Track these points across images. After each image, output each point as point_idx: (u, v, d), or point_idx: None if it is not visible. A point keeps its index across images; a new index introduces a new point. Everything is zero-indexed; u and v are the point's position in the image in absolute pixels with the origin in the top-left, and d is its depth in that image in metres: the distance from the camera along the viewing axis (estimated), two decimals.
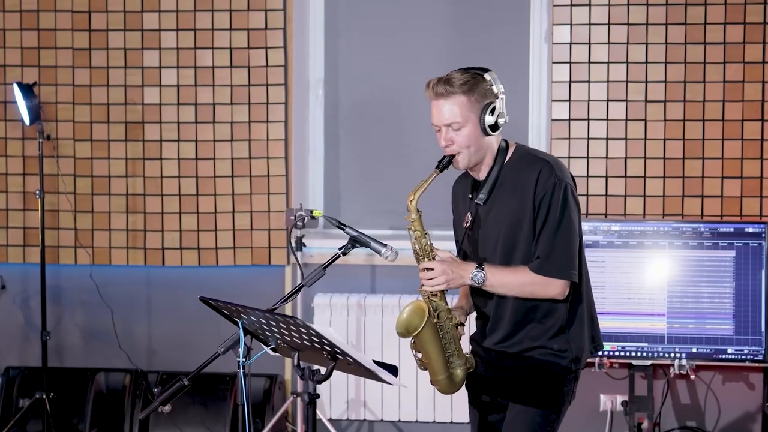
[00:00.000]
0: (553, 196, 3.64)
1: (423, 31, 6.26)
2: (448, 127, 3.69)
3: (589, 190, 5.85)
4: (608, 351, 5.57)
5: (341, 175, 6.37)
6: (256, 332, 3.55)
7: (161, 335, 6.27)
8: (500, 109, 3.70)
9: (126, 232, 6.18)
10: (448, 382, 3.76)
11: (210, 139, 6.12)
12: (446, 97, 3.67)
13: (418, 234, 3.71)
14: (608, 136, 5.86)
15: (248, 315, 3.45)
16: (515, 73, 6.09)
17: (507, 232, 3.71)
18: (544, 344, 3.72)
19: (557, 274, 3.65)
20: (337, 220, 3.76)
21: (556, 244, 3.64)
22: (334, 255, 3.71)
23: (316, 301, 6.05)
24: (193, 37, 6.10)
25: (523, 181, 3.68)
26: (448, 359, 3.73)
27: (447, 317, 3.72)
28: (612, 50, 5.84)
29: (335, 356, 3.35)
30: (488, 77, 3.69)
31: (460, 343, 3.76)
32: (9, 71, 6.20)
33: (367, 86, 6.31)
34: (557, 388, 3.75)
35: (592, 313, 3.84)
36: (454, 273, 3.66)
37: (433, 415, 5.99)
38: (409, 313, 3.68)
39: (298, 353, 3.48)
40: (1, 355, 6.34)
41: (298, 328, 3.30)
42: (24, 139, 6.22)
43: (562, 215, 3.65)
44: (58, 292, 6.30)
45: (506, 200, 3.72)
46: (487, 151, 3.74)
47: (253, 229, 6.10)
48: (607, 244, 5.58)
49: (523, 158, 3.76)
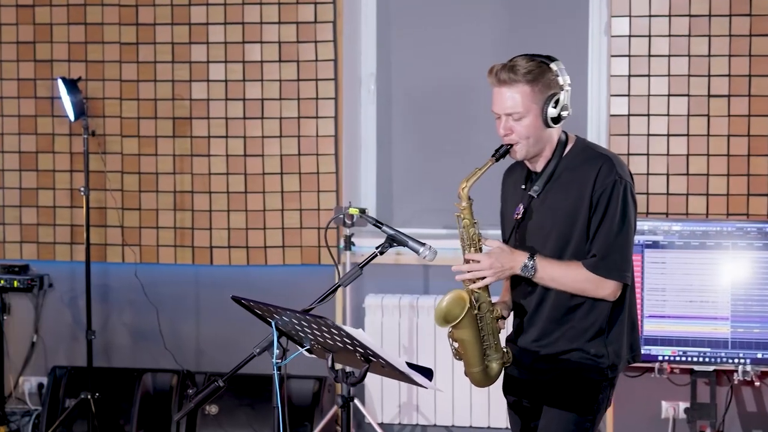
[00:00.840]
0: (613, 193, 3.59)
1: (478, 23, 6.22)
2: (508, 116, 3.64)
3: (650, 189, 5.78)
4: (669, 356, 5.51)
5: (394, 172, 6.35)
6: (290, 333, 3.54)
7: (209, 335, 6.29)
8: (564, 101, 3.65)
9: (174, 230, 6.22)
10: (482, 375, 3.73)
11: (258, 135, 6.13)
12: (509, 85, 3.61)
13: (467, 222, 3.68)
14: (669, 132, 5.78)
15: (280, 315, 3.44)
16: (573, 66, 5.89)
17: (560, 227, 3.66)
18: (581, 347, 3.68)
19: (612, 275, 3.60)
20: (374, 218, 3.74)
21: (614, 244, 3.60)
22: (371, 254, 3.70)
23: (367, 302, 6.04)
24: (241, 30, 6.12)
25: (582, 176, 3.64)
26: (485, 352, 3.70)
27: (488, 309, 3.69)
28: (673, 43, 5.75)
29: (368, 358, 3.33)
30: (555, 67, 3.65)
31: (498, 336, 3.73)
32: (56, 66, 6.27)
33: (421, 80, 6.29)
34: (593, 394, 3.70)
35: (633, 319, 3.78)
36: (504, 266, 3.62)
37: (488, 421, 5.95)
38: (449, 302, 3.65)
39: (333, 355, 3.46)
40: (48, 354, 6.42)
41: (329, 329, 3.29)
42: (71, 135, 6.28)
43: (623, 215, 3.61)
44: (105, 291, 6.36)
45: (562, 194, 3.68)
46: (546, 143, 3.69)
47: (302, 227, 6.11)
48: (668, 245, 5.51)
49: (583, 152, 3.71)
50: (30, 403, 6.42)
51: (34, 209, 6.34)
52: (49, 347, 6.45)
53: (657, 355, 5.51)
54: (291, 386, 5.95)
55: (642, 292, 5.49)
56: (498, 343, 3.72)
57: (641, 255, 5.47)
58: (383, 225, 3.69)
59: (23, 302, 6.44)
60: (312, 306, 3.65)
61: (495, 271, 3.62)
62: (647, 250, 5.50)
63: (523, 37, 6.13)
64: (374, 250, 3.69)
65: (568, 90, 3.66)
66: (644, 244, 5.49)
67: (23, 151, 6.34)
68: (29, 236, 6.36)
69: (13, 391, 6.44)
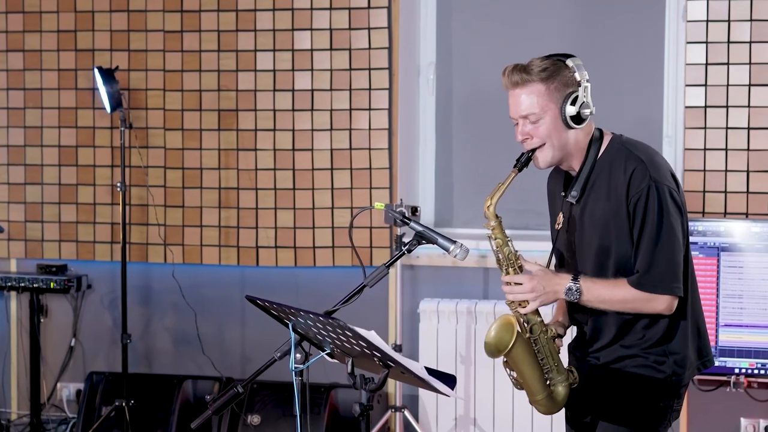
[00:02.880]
0: (648, 201, 3.53)
1: (547, 8, 6.15)
2: (525, 120, 3.63)
3: (728, 187, 5.68)
4: (746, 368, 5.39)
5: (455, 168, 6.30)
6: (309, 336, 3.52)
7: (254, 341, 6.29)
8: (583, 98, 3.60)
9: (218, 229, 6.24)
10: (548, 402, 3.65)
11: (308, 128, 6.12)
12: (522, 86, 3.61)
13: (500, 242, 3.64)
14: (750, 125, 5.66)
15: (296, 317, 3.42)
16: (650, 55, 5.94)
17: (601, 235, 3.62)
18: (639, 353, 3.62)
19: (659, 289, 3.54)
20: (402, 214, 3.70)
21: (656, 257, 3.53)
22: (398, 252, 3.68)
23: (422, 306, 6.00)
24: (290, 17, 6.12)
25: (617, 180, 3.59)
26: (547, 376, 3.64)
27: (541, 330, 3.63)
28: (755, 28, 5.64)
29: (387, 364, 3.29)
30: (571, 63, 3.61)
31: (559, 357, 3.66)
32: (97, 56, 6.33)
33: (484, 71, 6.23)
34: (652, 405, 3.62)
35: (698, 326, 3.71)
36: (546, 289, 3.58)
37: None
38: (498, 329, 3.60)
39: (352, 359, 3.42)
40: (86, 359, 6.47)
41: (344, 331, 3.26)
42: (112, 129, 6.33)
43: (660, 223, 3.54)
44: (146, 293, 6.40)
45: (600, 200, 3.63)
46: (572, 146, 3.65)
47: (353, 227, 6.07)
48: (747, 248, 5.40)
49: (618, 153, 3.65)
50: (68, 411, 6.48)
51: (74, 206, 6.40)
52: (87, 352, 6.50)
53: (733, 367, 5.41)
54: (338, 396, 5.93)
55: (717, 299, 5.40)
56: (559, 364, 3.65)
57: (717, 258, 5.37)
58: (411, 221, 3.66)
59: (61, 304, 6.50)
60: (336, 308, 3.62)
61: (537, 294, 3.58)
62: (723, 253, 5.39)
63: (594, 23, 6.04)
64: (402, 249, 3.66)
65: (586, 86, 3.61)
66: (720, 246, 5.39)
67: (63, 145, 6.41)
68: (68, 235, 6.42)
69: (51, 398, 6.50)
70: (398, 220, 3.71)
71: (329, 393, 5.91)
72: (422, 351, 5.94)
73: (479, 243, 5.93)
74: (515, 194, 4.16)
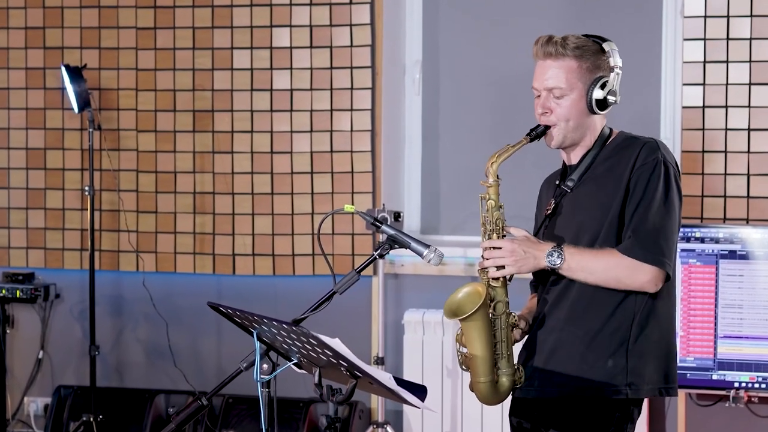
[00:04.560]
0: (654, 171, 3.56)
1: (537, 4, 6.14)
2: (549, 93, 3.66)
3: (727, 191, 5.66)
4: (747, 382, 5.38)
5: (442, 172, 6.29)
6: (274, 345, 3.50)
7: (231, 353, 6.27)
8: (612, 85, 3.65)
9: (193, 236, 6.23)
10: (490, 388, 3.65)
11: (287, 129, 6.12)
12: (554, 58, 3.65)
13: (492, 204, 3.66)
14: (750, 126, 5.64)
15: (260, 324, 3.41)
16: (646, 53, 5.94)
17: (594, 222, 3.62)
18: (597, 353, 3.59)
19: (650, 258, 3.53)
20: (372, 217, 3.69)
21: (654, 225, 3.55)
22: (370, 257, 3.67)
23: (407, 317, 5.97)
24: (268, 13, 6.12)
25: (620, 163, 3.62)
26: (496, 362, 3.64)
27: (504, 311, 3.65)
28: (755, 24, 5.62)
29: (354, 374, 3.27)
30: (607, 47, 3.66)
31: (512, 348, 3.67)
32: (67, 54, 6.32)
33: (473, 69, 6.22)
34: (605, 418, 3.59)
35: (669, 345, 3.68)
36: (526, 253, 3.59)
37: None
38: (464, 295, 3.61)
39: (320, 370, 3.41)
40: (55, 372, 6.45)
41: (308, 339, 3.24)
42: (82, 131, 6.32)
43: (664, 194, 3.56)
44: (118, 303, 6.39)
45: (597, 185, 3.66)
46: (587, 131, 3.69)
47: (334, 233, 6.06)
48: (747, 255, 5.39)
49: (624, 141, 3.70)
50: (35, 426, 6.45)
51: (42, 212, 6.39)
52: (56, 364, 6.48)
53: (733, 381, 5.39)
54: (318, 411, 5.91)
55: (716, 309, 5.39)
56: (511, 355, 3.67)
57: (715, 266, 5.37)
58: (381, 224, 3.65)
59: (29, 315, 6.48)
60: (304, 316, 3.61)
61: (517, 258, 3.58)
62: (723, 260, 5.38)
63: (587, 19, 6.03)
64: (373, 253, 3.67)
65: (618, 74, 3.67)
66: (719, 254, 5.37)
67: (31, 147, 6.40)
68: (36, 241, 6.40)
69: (17, 413, 6.47)
70: (369, 223, 3.69)
71: (308, 408, 5.89)
72: (407, 364, 5.91)
73: (467, 251, 5.93)
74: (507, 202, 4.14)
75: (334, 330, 3.34)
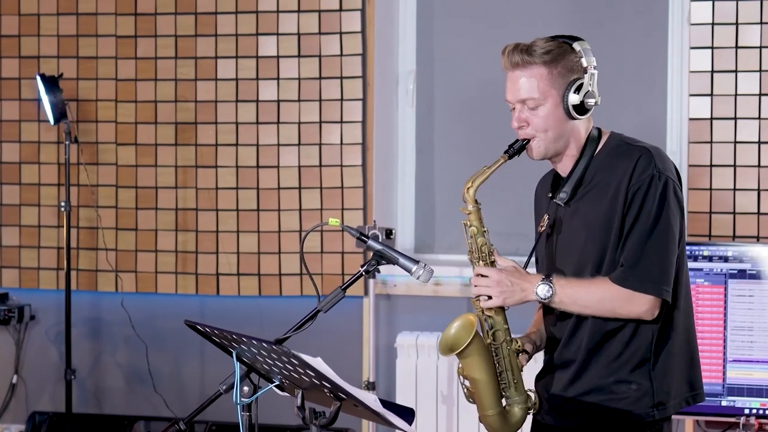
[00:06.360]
0: (650, 190, 3.52)
1: (537, 11, 6.16)
2: (523, 105, 3.63)
3: (737, 207, 5.67)
4: (758, 408, 5.35)
5: (437, 187, 6.29)
6: (255, 366, 3.49)
7: (214, 378, 6.23)
8: (589, 87, 3.61)
9: (175, 254, 6.22)
10: (500, 421, 3.64)
11: (274, 143, 6.12)
12: (523, 68, 3.61)
13: (475, 230, 3.66)
14: (760, 138, 5.65)
15: (239, 344, 3.40)
16: (649, 62, 5.96)
17: (594, 240, 3.59)
18: (620, 379, 3.58)
19: (644, 287, 3.51)
20: (359, 231, 3.67)
21: (646, 251, 3.51)
22: (356, 274, 3.66)
23: (399, 340, 5.96)
24: (254, 21, 6.12)
25: (617, 175, 3.58)
26: (504, 393, 3.62)
27: (504, 339, 3.62)
28: (765, 32, 5.63)
29: (338, 395, 3.25)
30: (578, 47, 3.62)
31: (520, 374, 3.65)
32: (43, 63, 6.32)
33: (469, 79, 6.23)
34: None
35: (691, 351, 3.67)
36: (513, 285, 3.57)
37: None
38: (458, 327, 3.59)
39: (302, 392, 3.39)
40: (29, 398, 6.43)
41: (289, 359, 3.22)
42: (59, 144, 6.31)
43: (658, 215, 3.53)
44: (96, 325, 6.38)
45: (594, 200, 3.62)
46: (570, 138, 3.65)
47: (323, 252, 6.06)
48: (757, 274, 5.37)
49: (617, 148, 3.65)
50: None
51: (17, 229, 6.38)
52: (31, 390, 6.46)
53: (743, 407, 5.35)
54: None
55: (725, 332, 5.37)
56: (520, 382, 3.64)
57: (724, 286, 5.34)
58: (368, 239, 3.64)
59: (2, 337, 6.46)
60: (287, 335, 3.62)
61: (503, 290, 3.56)
62: (732, 280, 5.36)
63: (589, 26, 6.02)
64: (360, 270, 3.64)
65: (593, 73, 3.62)
66: (728, 273, 5.35)
67: (5, 161, 6.39)
68: (10, 260, 6.39)
69: None
70: (355, 237, 3.67)
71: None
72: (399, 389, 5.90)
73: (463, 270, 5.90)
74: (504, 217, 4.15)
75: (322, 354, 3.30)
